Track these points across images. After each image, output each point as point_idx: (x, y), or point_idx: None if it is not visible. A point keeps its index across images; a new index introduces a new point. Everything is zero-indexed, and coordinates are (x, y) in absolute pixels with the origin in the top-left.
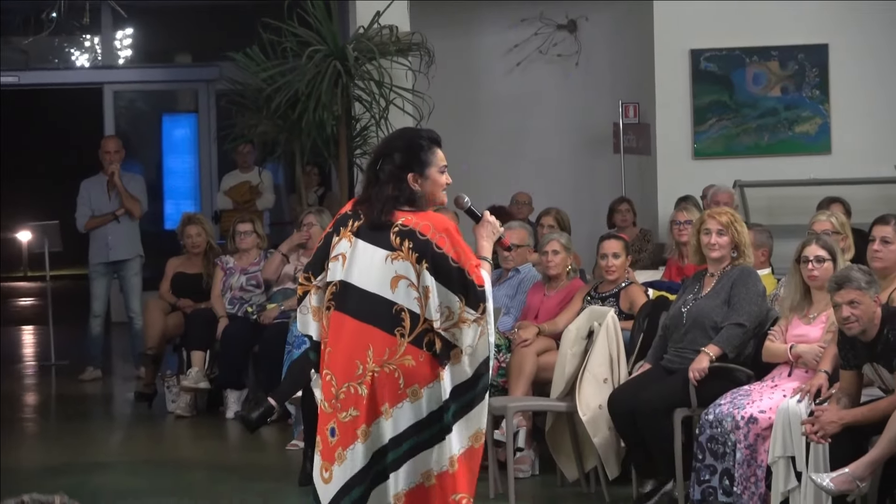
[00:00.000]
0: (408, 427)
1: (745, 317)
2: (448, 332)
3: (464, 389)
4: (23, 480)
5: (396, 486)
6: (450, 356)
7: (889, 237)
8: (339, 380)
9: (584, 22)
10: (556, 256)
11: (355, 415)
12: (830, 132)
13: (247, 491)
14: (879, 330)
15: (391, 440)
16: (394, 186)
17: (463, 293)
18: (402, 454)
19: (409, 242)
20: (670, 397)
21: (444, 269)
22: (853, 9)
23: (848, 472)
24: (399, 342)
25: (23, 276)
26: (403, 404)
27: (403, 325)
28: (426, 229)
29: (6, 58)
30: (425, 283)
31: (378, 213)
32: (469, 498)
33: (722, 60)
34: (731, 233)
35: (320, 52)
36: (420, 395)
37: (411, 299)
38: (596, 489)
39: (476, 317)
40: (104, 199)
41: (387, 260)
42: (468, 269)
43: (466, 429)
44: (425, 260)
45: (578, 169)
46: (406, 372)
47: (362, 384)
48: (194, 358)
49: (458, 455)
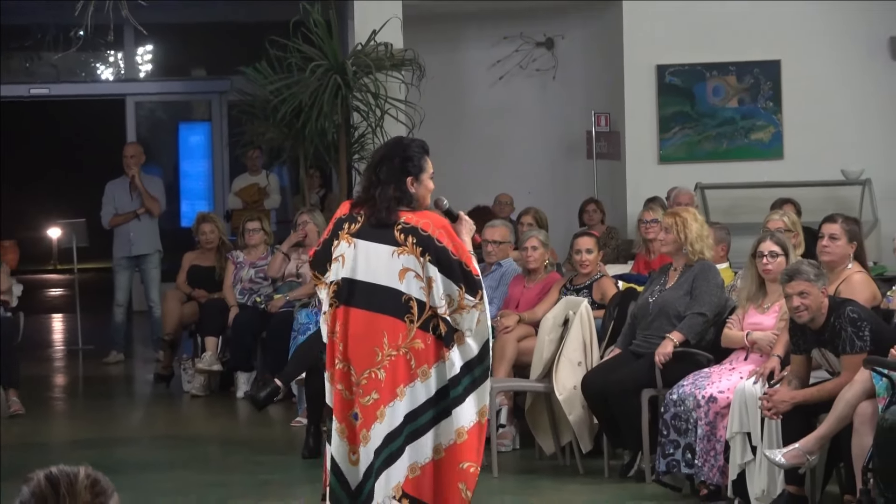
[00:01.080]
0: (420, 404)
1: (705, 306)
2: (451, 317)
3: (473, 364)
4: (52, 454)
5: (415, 458)
6: (454, 338)
7: (836, 234)
8: (359, 368)
9: (561, 40)
10: (535, 252)
11: (376, 398)
12: (783, 139)
13: (255, 462)
14: (827, 318)
15: (406, 416)
16: (395, 188)
17: (462, 282)
18: (419, 429)
19: (412, 238)
20: (638, 379)
21: (445, 261)
22: (803, 28)
23: (798, 446)
24: (409, 327)
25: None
26: (415, 384)
27: (412, 312)
28: (427, 226)
29: (39, 72)
30: (429, 273)
31: (384, 212)
32: (477, 466)
33: (685, 75)
34: (675, 231)
35: (322, 67)
36: (429, 375)
37: (417, 289)
38: (571, 462)
39: (475, 302)
40: (127, 198)
41: (393, 255)
42: (465, 260)
43: (476, 403)
44: (428, 253)
45: (555, 172)
46: (416, 354)
47: (381, 369)
48: (208, 343)
49: (468, 427)
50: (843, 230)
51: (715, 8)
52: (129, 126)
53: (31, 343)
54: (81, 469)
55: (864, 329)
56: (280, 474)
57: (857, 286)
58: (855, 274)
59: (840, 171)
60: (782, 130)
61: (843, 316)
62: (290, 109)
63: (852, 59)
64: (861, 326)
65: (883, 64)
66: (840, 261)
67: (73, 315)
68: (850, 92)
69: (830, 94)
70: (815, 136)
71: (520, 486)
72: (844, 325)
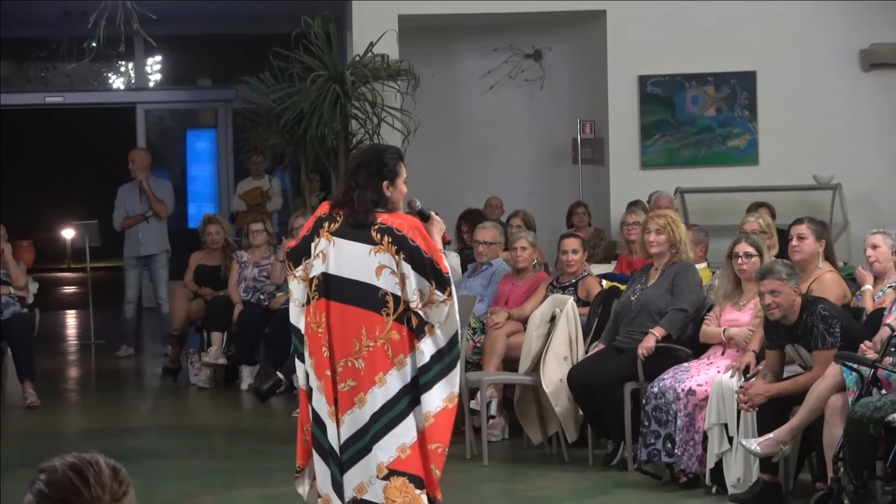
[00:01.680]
0: (398, 391)
1: (685, 304)
2: (422, 311)
3: (443, 354)
4: (67, 442)
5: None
6: (424, 330)
7: (804, 234)
8: (336, 356)
9: (548, 52)
10: (524, 252)
11: (353, 385)
12: (758, 146)
13: (258, 451)
14: (799, 316)
15: (385, 404)
16: (372, 191)
17: (433, 279)
18: (397, 415)
19: (388, 237)
20: (621, 372)
21: (418, 259)
22: (778, 41)
23: (772, 437)
24: (386, 320)
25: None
26: (392, 372)
27: (388, 306)
28: (402, 227)
29: (54, 81)
30: (403, 270)
31: (362, 214)
32: (444, 448)
33: (665, 85)
34: (668, 232)
35: (322, 77)
36: (405, 364)
37: (393, 284)
38: (557, 451)
39: (444, 298)
40: (137, 201)
41: (370, 253)
42: (436, 259)
43: (445, 389)
44: (403, 252)
45: (542, 177)
46: (393, 344)
47: (359, 358)
48: (213, 338)
49: (436, 412)
50: (811, 230)
51: (694, 22)
52: (139, 132)
53: (46, 338)
54: (99, 457)
55: (834, 326)
56: (282, 462)
57: (829, 285)
58: (826, 273)
59: (812, 177)
60: (757, 138)
61: (814, 313)
62: (291, 117)
63: (824, 71)
64: (832, 323)
65: (853, 75)
66: (810, 259)
67: (85, 311)
68: (821, 102)
69: (803, 104)
70: (788, 143)
71: (509, 473)
72: (816, 322)
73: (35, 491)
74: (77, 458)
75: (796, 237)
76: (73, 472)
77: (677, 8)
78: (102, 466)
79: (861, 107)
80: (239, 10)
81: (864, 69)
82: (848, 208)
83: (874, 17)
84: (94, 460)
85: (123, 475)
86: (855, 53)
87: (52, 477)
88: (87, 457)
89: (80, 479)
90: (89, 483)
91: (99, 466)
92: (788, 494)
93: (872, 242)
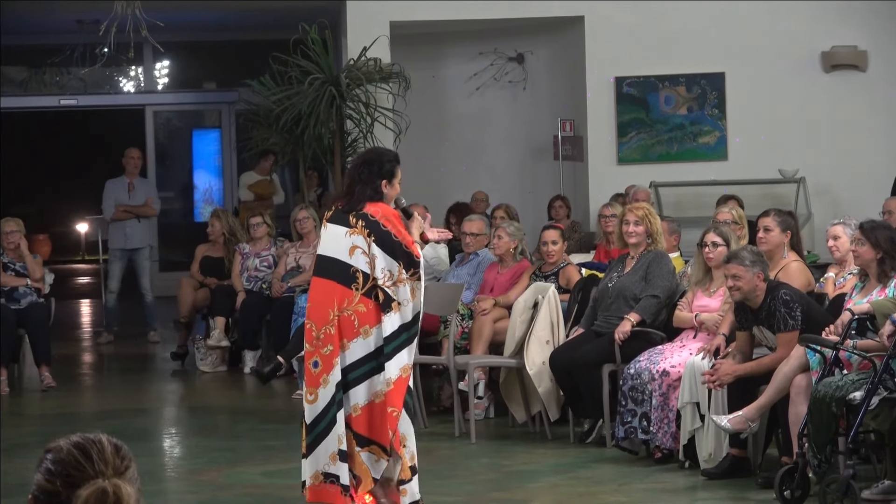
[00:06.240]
0: (362, 356)
1: (659, 290)
2: (390, 289)
3: (405, 329)
4: (81, 422)
5: (356, 399)
6: (390, 306)
7: (769, 226)
8: (318, 325)
9: (530, 55)
10: (500, 241)
11: (331, 349)
12: (727, 143)
13: (260, 430)
14: (763, 300)
15: (349, 365)
16: (371, 187)
17: (402, 260)
18: (360, 376)
19: (362, 222)
20: (600, 355)
21: (387, 242)
22: (745, 45)
23: (741, 414)
24: (354, 294)
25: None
26: (357, 339)
27: (357, 282)
28: (375, 213)
29: (68, 85)
30: (372, 251)
31: (356, 203)
32: (398, 411)
33: (640, 86)
34: (646, 223)
35: (319, 80)
36: (370, 334)
37: (363, 263)
38: (540, 429)
39: (408, 278)
40: (124, 195)
41: (346, 234)
42: (406, 243)
43: (400, 360)
44: (373, 234)
45: (525, 173)
46: (360, 316)
47: (332, 326)
48: (217, 322)
49: (394, 379)
50: (776, 222)
51: (666, 26)
52: (148, 133)
53: (61, 325)
54: (102, 436)
55: (795, 309)
56: (282, 440)
57: (794, 273)
58: (792, 262)
59: (777, 171)
60: (726, 135)
61: (777, 298)
62: (290, 117)
63: (788, 72)
64: (793, 307)
65: (815, 76)
66: (776, 250)
67: (98, 300)
68: (786, 101)
69: (769, 103)
70: (755, 139)
71: (494, 450)
72: (778, 307)
73: (43, 469)
74: (81, 438)
75: (762, 229)
76: (78, 451)
77: (651, 14)
78: (105, 444)
79: (822, 105)
80: (241, 18)
81: (825, 70)
82: (811, 200)
83: (834, 22)
84: (98, 439)
85: (125, 452)
86: (816, 56)
87: (58, 455)
88: (91, 436)
89: (84, 457)
90: (93, 459)
91: (102, 444)
92: (756, 468)
93: (833, 233)
